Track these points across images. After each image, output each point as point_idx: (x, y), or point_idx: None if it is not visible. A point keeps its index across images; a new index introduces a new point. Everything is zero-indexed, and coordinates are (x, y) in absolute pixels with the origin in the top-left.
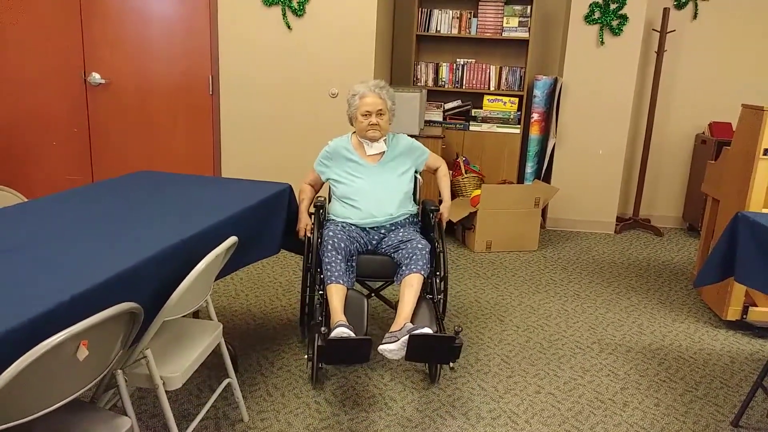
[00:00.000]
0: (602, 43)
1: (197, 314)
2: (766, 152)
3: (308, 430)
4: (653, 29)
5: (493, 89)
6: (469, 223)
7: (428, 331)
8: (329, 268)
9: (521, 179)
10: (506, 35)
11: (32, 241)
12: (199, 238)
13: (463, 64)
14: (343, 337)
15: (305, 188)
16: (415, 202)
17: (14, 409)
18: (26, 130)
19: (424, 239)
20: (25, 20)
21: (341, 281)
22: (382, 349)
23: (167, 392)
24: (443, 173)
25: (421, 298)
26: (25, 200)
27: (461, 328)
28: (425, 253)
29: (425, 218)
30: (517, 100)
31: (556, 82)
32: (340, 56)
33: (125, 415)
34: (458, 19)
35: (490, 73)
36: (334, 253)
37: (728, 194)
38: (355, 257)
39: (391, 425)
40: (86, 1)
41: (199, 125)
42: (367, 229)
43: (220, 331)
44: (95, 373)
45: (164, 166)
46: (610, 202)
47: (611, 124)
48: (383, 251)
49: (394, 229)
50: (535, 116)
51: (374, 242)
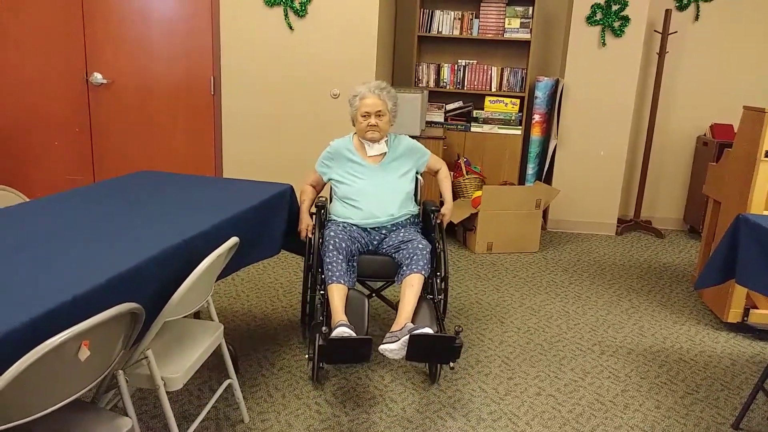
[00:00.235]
0: (604, 44)
1: (198, 315)
2: (767, 154)
3: (309, 431)
4: (655, 30)
5: (494, 90)
6: (470, 224)
7: (429, 331)
8: (330, 268)
9: (522, 180)
10: (508, 36)
11: (34, 240)
12: (200, 238)
13: (464, 65)
14: (343, 336)
15: (306, 189)
16: (416, 202)
17: (15, 409)
18: (28, 129)
19: (425, 239)
20: (26, 20)
21: (342, 281)
22: (382, 348)
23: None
24: (444, 175)
25: (421, 298)
26: (26, 200)
27: (461, 328)
28: (426, 253)
29: (426, 219)
30: (518, 101)
31: (557, 83)
32: (341, 57)
33: (126, 415)
34: (460, 20)
35: (491, 74)
36: (335, 253)
37: (730, 196)
38: (356, 257)
39: (391, 426)
40: (88, 1)
41: (200, 125)
42: (368, 229)
43: (221, 331)
44: (96, 373)
45: (165, 166)
46: (611, 203)
47: (613, 125)
48: (384, 251)
49: (395, 229)
50: (536, 117)
51: (375, 242)
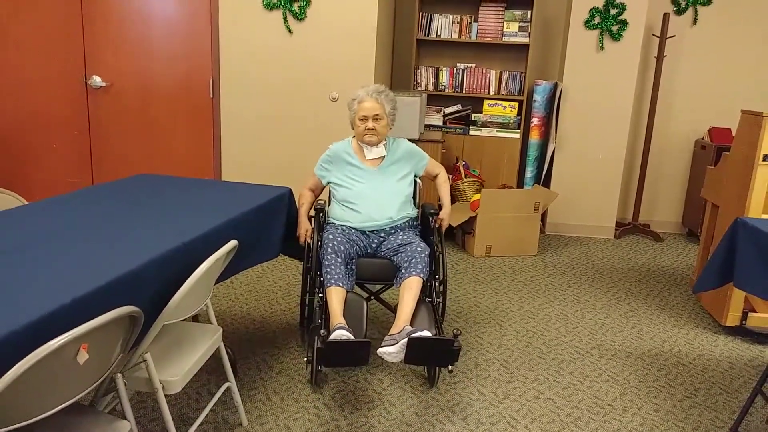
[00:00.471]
0: (602, 48)
1: (197, 318)
2: (765, 158)
3: None
4: (653, 34)
5: (493, 94)
6: (468, 227)
7: (427, 334)
8: (329, 271)
9: (521, 184)
10: (506, 40)
11: (33, 243)
12: (199, 241)
13: (463, 68)
14: (342, 339)
15: (305, 193)
16: (414, 205)
17: (14, 412)
18: (27, 132)
19: (423, 242)
20: (26, 23)
21: (341, 284)
22: (381, 351)
23: (166, 396)
24: (443, 179)
25: (420, 301)
26: (25, 203)
27: (460, 331)
28: (425, 256)
29: (425, 222)
30: (517, 104)
31: (556, 86)
32: (340, 60)
33: (124, 418)
34: (458, 23)
35: (490, 77)
36: (333, 256)
37: (728, 200)
38: (354, 260)
39: (390, 430)
40: (87, 4)
41: (199, 128)
42: (366, 232)
43: (219, 334)
44: (95, 376)
45: (164, 169)
46: (609, 207)
47: (611, 129)
48: (383, 254)
49: (393, 232)
50: (534, 121)
51: (374, 245)
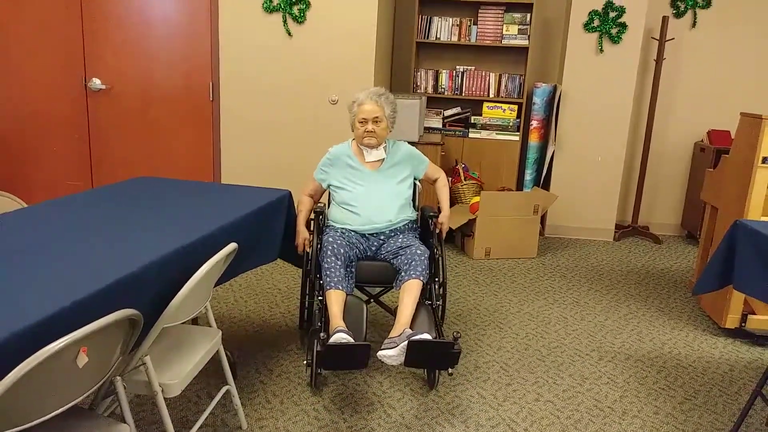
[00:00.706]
0: (601, 50)
1: (196, 321)
2: (764, 160)
3: None
4: (652, 37)
5: (492, 96)
6: (468, 230)
7: (427, 336)
8: (328, 273)
9: (520, 186)
10: (506, 43)
11: (32, 246)
12: (198, 244)
13: (462, 71)
14: (341, 342)
15: (304, 200)
16: (414, 208)
17: (14, 414)
18: (27, 135)
19: (423, 245)
20: (26, 26)
21: (340, 287)
22: (381, 354)
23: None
24: (442, 183)
25: (420, 303)
26: (24, 206)
27: (460, 334)
28: (424, 259)
29: (424, 224)
30: (516, 107)
31: (555, 89)
32: (340, 63)
33: (124, 422)
34: (458, 26)
35: (489, 80)
36: (333, 258)
37: (727, 202)
38: (354, 263)
39: None
40: (87, 7)
41: (199, 131)
42: (366, 235)
43: (219, 337)
44: (94, 379)
45: (164, 171)
46: (609, 209)
47: (610, 131)
48: (382, 257)
49: (393, 235)
50: (534, 123)
51: (373, 248)
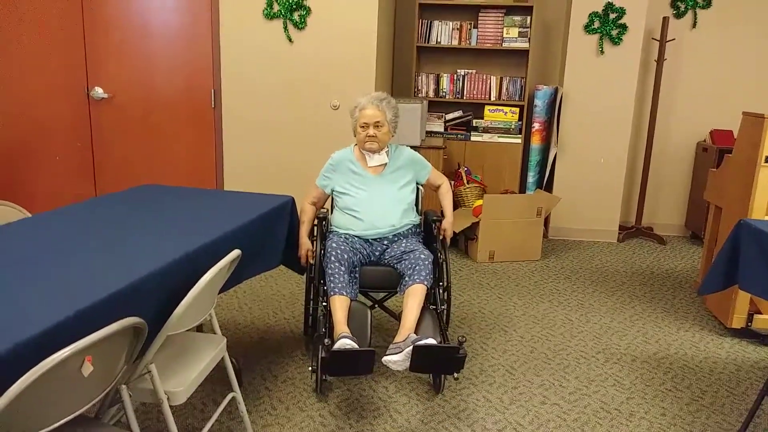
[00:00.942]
0: (602, 52)
1: (201, 328)
2: (767, 159)
3: None
4: (653, 38)
5: (493, 99)
6: (471, 233)
7: (432, 341)
8: (332, 279)
9: (523, 189)
10: (506, 46)
11: (36, 256)
12: (202, 251)
13: (463, 74)
14: (346, 348)
15: (307, 209)
16: (417, 212)
17: (20, 425)
18: (30, 144)
19: (426, 250)
20: (28, 36)
21: (344, 292)
22: (386, 360)
23: (171, 407)
24: (445, 190)
25: (424, 308)
26: (28, 215)
27: (465, 338)
28: (428, 263)
29: (428, 229)
30: (517, 110)
31: (556, 91)
32: (341, 68)
33: (130, 430)
34: (458, 30)
35: (490, 83)
36: (337, 264)
37: (730, 202)
38: (358, 268)
39: None
40: (89, 15)
41: (201, 138)
42: (369, 240)
43: (223, 344)
44: (100, 388)
45: (167, 179)
46: (612, 210)
47: (612, 132)
48: (386, 262)
49: (396, 240)
50: (536, 126)
51: (377, 253)
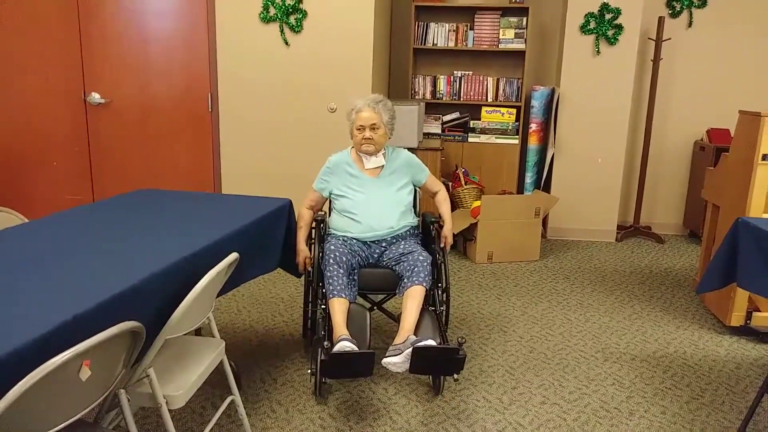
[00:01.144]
0: (598, 52)
1: (199, 331)
2: (764, 157)
3: None
4: (649, 38)
5: (490, 101)
6: (469, 234)
7: (431, 343)
8: (331, 282)
9: (521, 189)
10: (503, 47)
11: (34, 261)
12: (200, 255)
13: (460, 76)
14: (345, 351)
15: (304, 214)
16: (415, 214)
17: (18, 429)
18: (27, 150)
19: (425, 251)
20: (25, 41)
21: (343, 295)
22: (385, 362)
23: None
24: (443, 197)
25: (423, 310)
26: (25, 221)
27: (464, 339)
28: (427, 264)
29: (426, 230)
30: (515, 110)
31: (553, 92)
32: (338, 71)
33: None
34: (455, 31)
35: (487, 84)
36: (335, 267)
37: (728, 200)
38: (356, 271)
39: None
40: (85, 22)
41: (198, 142)
42: (368, 242)
43: (222, 348)
44: (98, 392)
45: (164, 183)
46: (610, 210)
47: (609, 132)
48: (385, 264)
49: (395, 241)
50: (533, 126)
51: (375, 255)
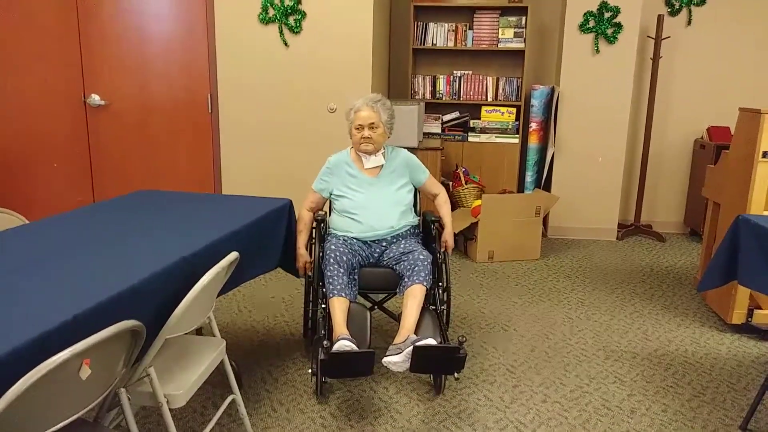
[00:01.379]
0: (598, 51)
1: (200, 331)
2: (765, 155)
3: None
4: (648, 36)
5: (490, 100)
6: (470, 233)
7: (432, 342)
8: (331, 281)
9: (521, 189)
10: (502, 46)
11: (34, 261)
12: (200, 254)
13: (460, 76)
14: (346, 350)
15: (304, 216)
16: (415, 213)
17: (18, 429)
18: (27, 152)
19: (425, 250)
20: (24, 43)
21: (343, 294)
22: (386, 361)
23: (171, 410)
24: (443, 200)
25: (424, 309)
26: (26, 222)
27: (465, 338)
28: (427, 264)
29: (426, 229)
30: (514, 110)
31: (553, 91)
32: (337, 71)
33: None
34: (454, 31)
35: (487, 84)
36: (336, 266)
37: (729, 198)
38: (357, 270)
39: None
40: (84, 23)
41: (198, 143)
42: (368, 242)
43: (223, 347)
44: (98, 391)
45: (165, 184)
46: (611, 208)
47: (609, 131)
48: (385, 263)
49: (395, 241)
50: (533, 125)
51: (376, 255)
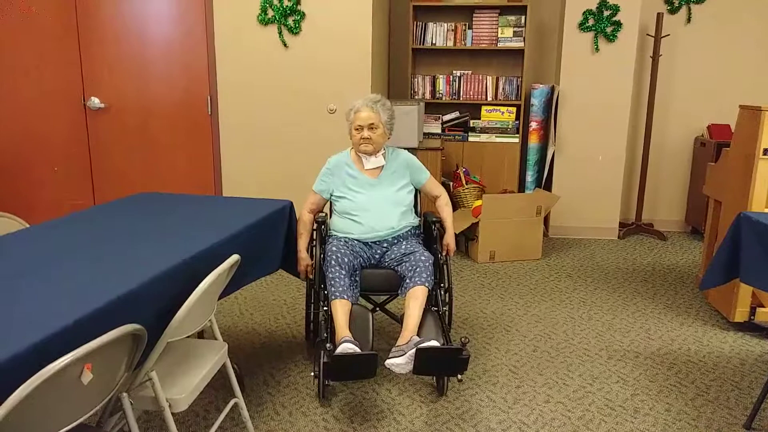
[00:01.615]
0: (597, 49)
1: (202, 334)
2: (765, 152)
3: None
4: (647, 34)
5: (490, 100)
6: (471, 233)
7: (435, 343)
8: (333, 283)
9: (522, 188)
10: (501, 46)
11: (35, 266)
12: (201, 257)
13: (459, 75)
14: (348, 353)
15: (304, 218)
16: (416, 214)
17: None
18: (27, 155)
19: (427, 251)
20: (24, 46)
21: (345, 296)
22: (389, 363)
23: (174, 414)
24: (444, 202)
25: (426, 310)
26: (26, 226)
27: (468, 339)
28: (429, 265)
29: (427, 230)
30: (514, 109)
31: (553, 90)
32: (337, 72)
33: None
34: (453, 31)
35: (486, 83)
36: (337, 268)
37: (730, 195)
38: (358, 272)
39: None
40: (83, 27)
41: (198, 145)
42: (369, 243)
43: (225, 350)
44: (100, 396)
45: (165, 187)
46: (612, 207)
47: (610, 129)
48: (386, 265)
49: (396, 242)
50: (533, 125)
51: (377, 256)
